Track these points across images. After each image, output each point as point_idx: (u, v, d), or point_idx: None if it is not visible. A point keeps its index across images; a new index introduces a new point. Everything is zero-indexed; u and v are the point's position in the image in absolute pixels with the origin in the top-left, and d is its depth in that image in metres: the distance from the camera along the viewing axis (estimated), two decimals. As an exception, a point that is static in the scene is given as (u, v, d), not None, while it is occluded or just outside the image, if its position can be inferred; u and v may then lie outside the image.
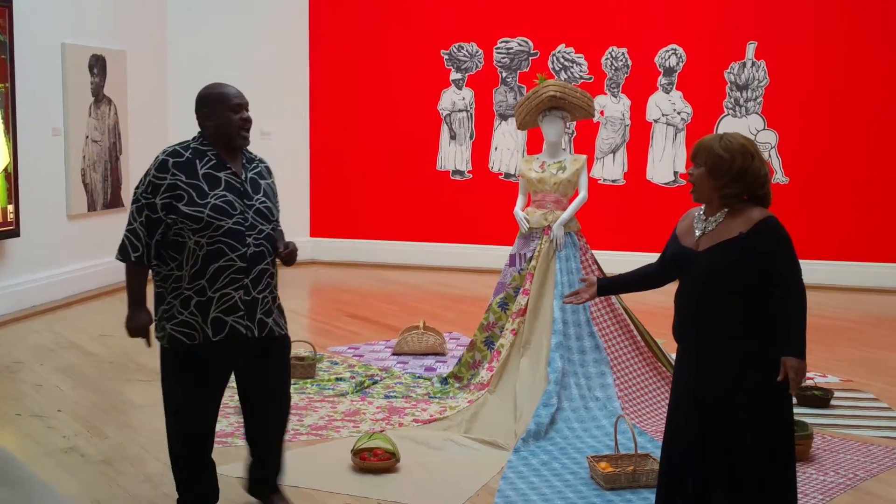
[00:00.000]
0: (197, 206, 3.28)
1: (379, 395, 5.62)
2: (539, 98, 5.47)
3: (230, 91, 3.47)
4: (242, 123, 3.42)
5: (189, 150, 3.38)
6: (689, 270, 3.15)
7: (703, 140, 3.18)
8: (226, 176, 3.36)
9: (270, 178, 3.59)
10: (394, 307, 8.28)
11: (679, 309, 3.21)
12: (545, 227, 5.49)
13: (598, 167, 9.82)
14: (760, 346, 3.09)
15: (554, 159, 5.58)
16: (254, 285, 3.35)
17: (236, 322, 3.34)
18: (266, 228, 3.40)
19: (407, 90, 10.17)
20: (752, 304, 3.07)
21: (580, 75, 9.76)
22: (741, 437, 3.10)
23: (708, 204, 3.18)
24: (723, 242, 3.07)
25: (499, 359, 5.39)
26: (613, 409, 5.03)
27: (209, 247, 3.30)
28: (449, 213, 10.21)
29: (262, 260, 3.37)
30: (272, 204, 3.48)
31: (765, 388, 3.10)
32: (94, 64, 8.50)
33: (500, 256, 6.81)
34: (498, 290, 5.66)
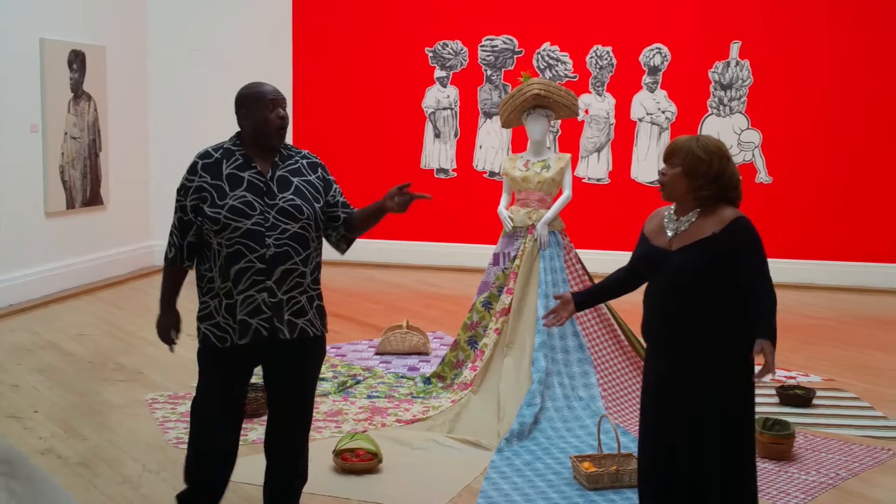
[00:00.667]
0: (216, 207, 3.27)
1: (361, 395, 5.60)
2: (523, 96, 5.47)
3: (266, 89, 3.40)
4: (280, 122, 3.35)
5: (220, 151, 3.37)
6: (660, 270, 3.19)
7: (678, 141, 3.22)
8: (249, 175, 3.31)
9: (314, 174, 3.42)
10: (377, 306, 8.26)
11: (649, 309, 3.25)
12: (529, 225, 5.50)
13: (582, 166, 9.83)
14: (729, 344, 3.15)
15: (538, 158, 5.58)
16: (278, 286, 3.28)
17: (261, 325, 3.29)
18: (292, 227, 3.29)
19: (391, 88, 10.15)
20: (722, 303, 3.12)
21: (565, 74, 9.77)
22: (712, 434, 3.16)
23: (679, 204, 3.22)
24: (696, 242, 3.14)
25: (482, 358, 5.39)
26: (597, 408, 5.04)
27: (228, 248, 3.27)
28: (433, 212, 10.19)
29: (285, 260, 3.27)
30: (303, 201, 3.33)
31: (733, 386, 3.18)
32: (73, 59, 8.44)
33: (483, 255, 6.80)
34: (481, 289, 5.66)
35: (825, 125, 9.39)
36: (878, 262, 9.38)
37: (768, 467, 4.51)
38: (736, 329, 3.13)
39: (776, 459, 4.60)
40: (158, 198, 9.65)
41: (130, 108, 9.35)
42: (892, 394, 5.88)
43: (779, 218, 9.45)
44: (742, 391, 3.20)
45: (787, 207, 9.49)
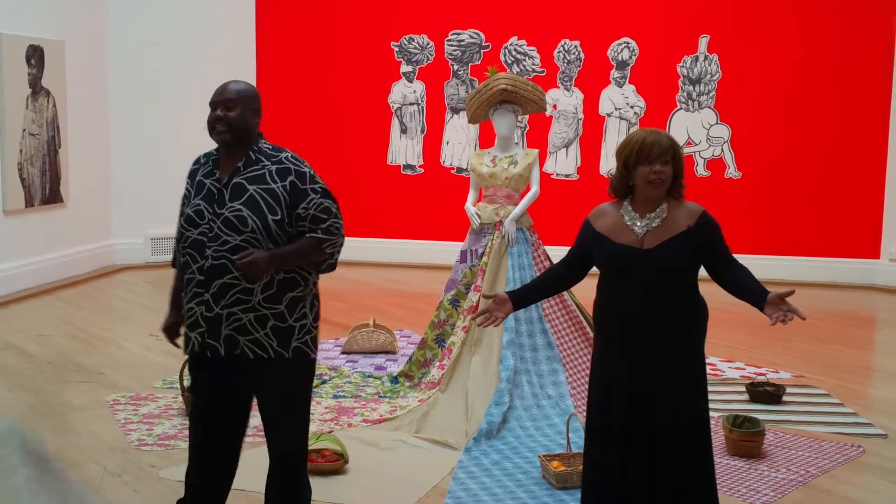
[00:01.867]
0: (180, 216, 3.27)
1: (327, 394, 5.57)
2: (490, 91, 5.45)
3: (219, 88, 3.34)
4: (214, 120, 3.23)
5: (204, 157, 3.34)
6: (634, 269, 3.19)
7: (653, 138, 3.19)
8: (210, 182, 3.24)
9: (280, 182, 3.19)
10: (343, 304, 8.21)
11: (618, 306, 3.24)
12: (497, 222, 5.49)
13: (550, 161, 9.85)
14: (695, 335, 3.27)
15: (505, 153, 5.57)
16: (216, 301, 3.14)
17: (196, 338, 3.22)
18: (233, 240, 3.12)
19: (357, 83, 10.10)
20: (689, 291, 3.24)
21: (532, 68, 9.78)
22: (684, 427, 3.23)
23: (646, 200, 3.22)
24: (674, 238, 3.17)
25: (450, 357, 5.38)
26: (566, 407, 5.04)
27: (182, 258, 3.26)
28: (400, 208, 10.17)
29: (223, 274, 3.13)
30: (252, 212, 3.13)
31: (702, 377, 3.29)
32: (31, 55, 8.30)
33: (451, 252, 6.78)
34: (449, 286, 5.64)
35: (795, 119, 9.48)
36: (848, 258, 9.49)
37: (738, 465, 4.54)
38: (693, 318, 3.25)
39: (746, 457, 4.63)
40: (119, 196, 9.53)
41: (90, 104, 9.22)
42: (862, 390, 5.95)
43: (748, 213, 9.53)
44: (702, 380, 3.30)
45: (756, 203, 9.57)
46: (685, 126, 9.60)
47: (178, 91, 9.63)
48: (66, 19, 8.85)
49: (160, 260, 9.70)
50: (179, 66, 9.63)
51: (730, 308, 3.64)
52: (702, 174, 9.63)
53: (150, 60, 9.54)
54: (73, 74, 8.87)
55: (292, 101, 10.21)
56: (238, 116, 3.23)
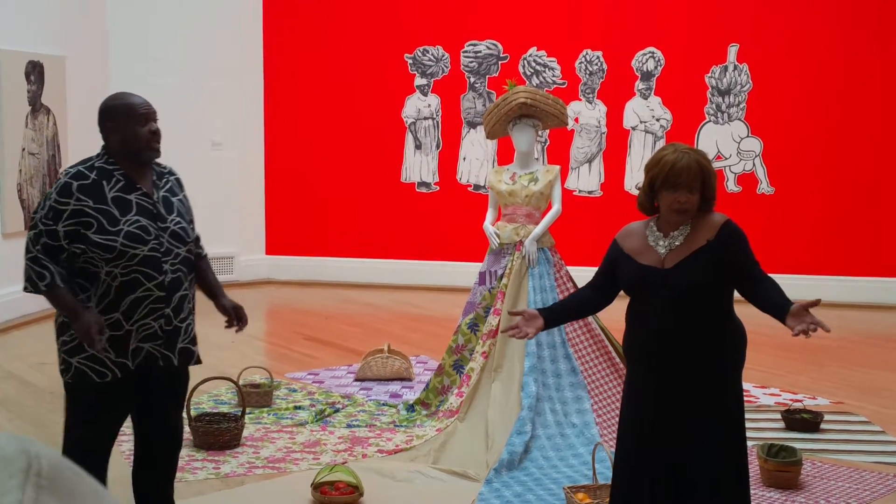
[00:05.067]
0: (108, 234, 3.24)
1: (341, 424, 5.60)
2: (509, 105, 5.50)
3: (136, 101, 3.41)
4: (151, 136, 3.36)
5: (94, 171, 3.32)
6: (655, 291, 3.21)
7: (683, 163, 3.14)
8: (136, 198, 3.32)
9: (182, 193, 3.53)
10: (356, 329, 8.26)
11: (642, 329, 3.27)
12: (517, 242, 5.52)
13: (572, 178, 9.88)
14: (730, 362, 3.26)
15: (525, 170, 5.61)
16: (175, 314, 3.35)
17: (153, 349, 3.35)
18: (182, 251, 3.37)
19: (369, 96, 10.18)
20: (720, 312, 3.24)
21: (553, 80, 9.83)
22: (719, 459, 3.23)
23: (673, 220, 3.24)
24: (693, 254, 3.20)
25: (469, 384, 5.40)
26: (591, 436, 5.05)
27: (123, 277, 3.27)
28: (414, 228, 10.21)
29: (180, 286, 3.36)
30: (186, 223, 3.44)
31: (737, 407, 3.28)
32: (30, 71, 8.43)
33: (469, 274, 6.82)
34: (467, 310, 5.67)
35: (830, 131, 9.47)
36: (888, 277, 9.45)
37: (774, 496, 4.54)
38: (727, 343, 3.23)
39: (782, 488, 4.63)
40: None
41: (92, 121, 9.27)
42: (902, 416, 5.93)
43: (781, 231, 9.52)
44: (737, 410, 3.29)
45: (790, 220, 9.55)
46: (714, 139, 9.62)
47: (183, 107, 9.74)
48: (67, 34, 8.99)
49: (164, 284, 9.79)
50: (183, 81, 9.75)
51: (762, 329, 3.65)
52: (732, 190, 9.63)
53: (152, 76, 9.65)
54: (74, 91, 8.99)
55: (301, 115, 10.30)
56: (159, 130, 3.45)
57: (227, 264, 10.23)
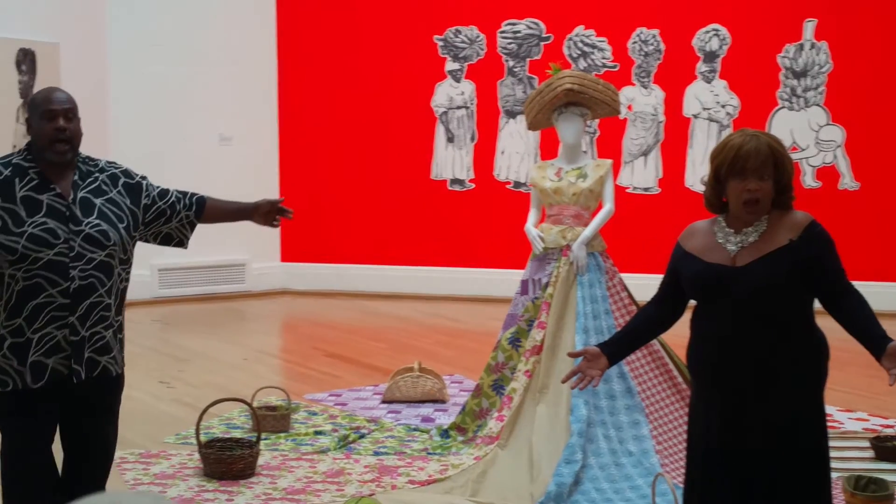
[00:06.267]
0: (12, 235, 3.38)
1: (367, 451, 5.64)
2: (553, 92, 5.51)
3: (49, 95, 3.54)
4: (54, 133, 3.46)
5: (10, 168, 3.47)
6: (726, 291, 3.21)
7: (751, 146, 3.18)
8: (48, 199, 3.45)
9: (113, 191, 3.60)
10: (382, 345, 8.30)
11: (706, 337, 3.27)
12: (563, 246, 5.53)
13: (626, 173, 9.86)
14: (809, 378, 3.23)
15: (572, 165, 5.62)
16: (81, 323, 3.45)
17: (59, 364, 3.45)
18: (98, 256, 3.47)
19: (394, 84, 10.23)
20: (797, 321, 3.23)
21: (602, 63, 9.83)
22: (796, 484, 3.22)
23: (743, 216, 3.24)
24: (771, 254, 3.19)
25: (510, 406, 5.41)
26: (650, 465, 5.05)
27: (25, 282, 3.40)
28: (447, 231, 10.24)
29: (91, 293, 3.46)
30: (110, 225, 3.51)
31: (815, 423, 3.26)
32: (21, 59, 8.57)
33: (509, 283, 6.83)
34: (508, 323, 5.69)
35: (919, 119, 9.37)
36: None
37: (857, 532, 4.52)
38: (803, 356, 3.22)
39: (868, 523, 4.60)
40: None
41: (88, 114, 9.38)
42: None
43: (867, 233, 9.42)
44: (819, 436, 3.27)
45: (877, 220, 9.46)
46: (789, 128, 9.56)
47: (187, 98, 9.86)
48: (61, 20, 9.12)
49: (169, 294, 9.92)
50: (188, 69, 9.86)
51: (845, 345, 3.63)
52: (810, 185, 9.57)
53: (154, 64, 9.77)
54: (69, 81, 9.08)
55: (319, 106, 10.37)
56: (77, 128, 3.55)
57: (238, 273, 10.34)
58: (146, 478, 5.19)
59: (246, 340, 8.57)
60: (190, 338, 8.55)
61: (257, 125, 10.34)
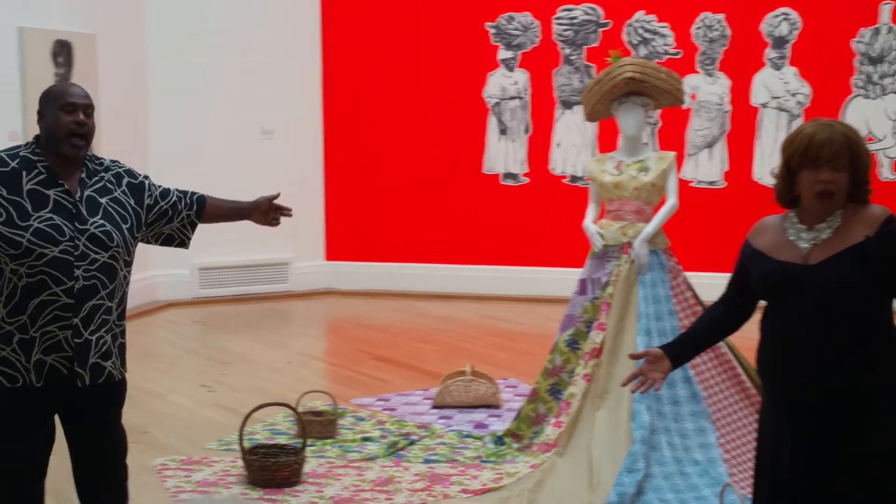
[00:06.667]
0: (17, 228, 3.42)
1: (417, 458, 5.64)
2: (613, 81, 5.49)
3: (70, 89, 3.61)
4: (74, 127, 3.51)
5: (17, 160, 3.52)
6: (797, 291, 3.16)
7: (824, 135, 3.14)
8: (55, 194, 3.50)
9: (119, 188, 3.66)
10: (432, 347, 8.31)
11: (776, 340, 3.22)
12: (624, 243, 5.51)
13: (689, 166, 9.80)
14: (883, 380, 3.16)
15: (633, 158, 5.60)
16: (85, 325, 3.49)
17: (57, 362, 3.49)
18: (102, 257, 3.51)
19: (444, 74, 10.23)
20: (873, 325, 3.16)
21: (665, 50, 9.77)
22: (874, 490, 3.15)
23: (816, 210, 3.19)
24: (847, 250, 3.14)
25: (568, 412, 5.40)
26: (717, 475, 5.01)
27: (29, 278, 3.44)
28: (499, 228, 10.23)
29: (93, 295, 3.49)
30: (114, 226, 3.56)
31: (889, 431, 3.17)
32: (58, 51, 8.67)
33: (566, 282, 6.81)
34: (565, 324, 5.67)
35: None
36: None
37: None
38: (882, 363, 3.15)
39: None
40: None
41: (126, 107, 9.55)
42: None
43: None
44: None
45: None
46: (864, 117, 9.45)
47: (228, 90, 9.92)
48: (98, 10, 9.21)
49: (210, 294, 10.00)
50: (229, 59, 9.91)
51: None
52: (887, 178, 9.46)
53: (193, 54, 9.84)
54: (107, 73, 9.21)
55: (365, 97, 10.40)
56: (93, 125, 3.60)
57: (281, 272, 10.39)
58: (188, 485, 5.22)
59: (289, 343, 8.61)
60: (231, 340, 8.61)
61: (300, 118, 10.39)
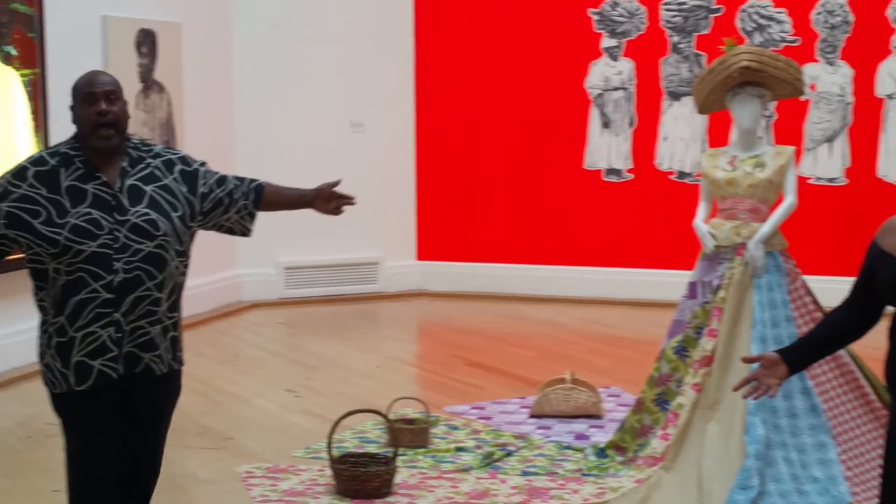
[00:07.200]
0: (55, 226, 3.49)
1: (514, 470, 5.65)
2: (727, 70, 5.45)
3: (89, 77, 3.63)
4: (96, 118, 3.54)
5: (56, 157, 3.59)
6: None
7: None
8: (93, 187, 3.55)
9: (170, 175, 3.69)
10: (530, 353, 8.31)
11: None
12: (738, 244, 5.47)
13: (807, 161, 9.67)
14: None
15: (748, 153, 5.56)
16: (126, 317, 3.54)
17: (105, 366, 3.55)
18: (146, 247, 3.54)
19: (543, 63, 10.23)
20: None
21: (781, 37, 9.66)
22: None
23: None
24: None
25: (676, 423, 5.38)
26: (838, 494, 4.96)
27: (68, 276, 3.50)
28: (601, 227, 10.19)
29: (136, 286, 3.53)
30: (160, 214, 3.59)
31: None
32: (142, 41, 8.86)
33: (675, 285, 6.77)
34: (673, 330, 5.64)
35: None
36: None
37: None
38: None
39: None
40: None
41: (212, 99, 9.73)
42: None
43: None
44: None
45: None
46: None
47: (316, 81, 10.03)
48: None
49: (296, 295, 10.13)
50: (317, 49, 10.03)
51: None
52: None
53: (282, 44, 9.98)
54: (192, 64, 9.39)
55: (460, 88, 10.44)
56: (122, 111, 3.60)
57: (370, 272, 10.48)
58: (274, 494, 5.31)
59: (379, 346, 8.69)
60: (318, 343, 8.72)
61: (392, 110, 10.46)
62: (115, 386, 3.62)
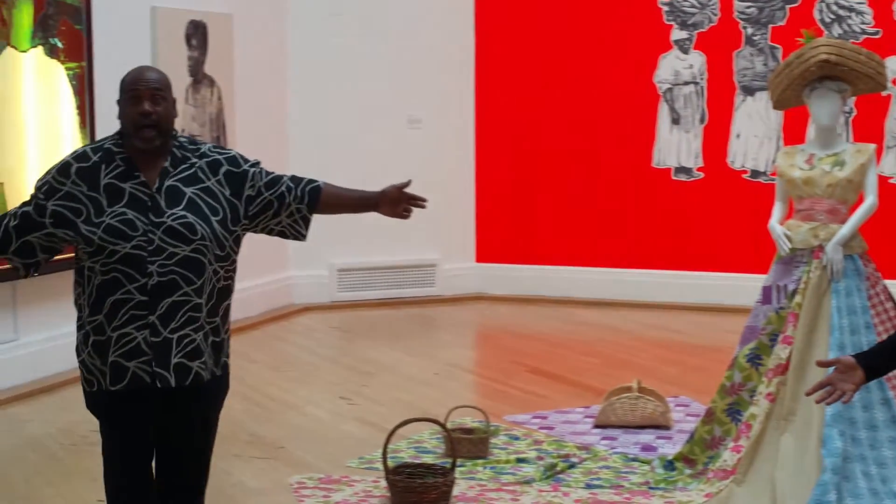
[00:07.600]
0: (92, 225, 3.56)
1: (578, 483, 5.65)
2: (805, 64, 5.41)
3: (136, 74, 3.65)
4: (139, 119, 3.58)
5: (99, 153, 3.65)
6: None
7: None
8: (131, 187, 3.60)
9: (214, 177, 3.69)
10: (593, 360, 8.29)
11: None
12: (815, 247, 5.43)
13: (889, 160, 9.58)
14: None
15: (827, 151, 5.52)
16: (164, 323, 3.57)
17: (139, 368, 3.59)
18: (182, 251, 3.56)
19: (610, 56, 10.21)
20: None
21: (861, 29, 9.57)
22: None
23: None
24: None
25: (749, 435, 5.35)
26: (921, 510, 4.91)
27: (104, 275, 3.57)
28: (670, 228, 10.15)
29: (173, 291, 3.56)
30: (200, 218, 3.60)
31: None
32: (192, 33, 8.94)
33: (748, 289, 6.72)
34: (746, 337, 5.61)
35: None
36: None
37: None
38: None
39: None
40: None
41: (263, 93, 9.80)
42: None
43: None
44: None
45: None
46: None
47: (372, 74, 10.08)
48: (235, -13, 9.48)
49: (349, 298, 10.18)
50: (373, 41, 10.07)
51: None
52: None
53: (337, 36, 10.02)
54: (243, 57, 9.46)
55: (522, 82, 10.44)
56: (166, 111, 3.63)
57: (427, 275, 10.50)
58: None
59: (436, 352, 8.70)
60: (372, 348, 8.76)
61: (451, 105, 10.48)
62: (155, 394, 3.66)
